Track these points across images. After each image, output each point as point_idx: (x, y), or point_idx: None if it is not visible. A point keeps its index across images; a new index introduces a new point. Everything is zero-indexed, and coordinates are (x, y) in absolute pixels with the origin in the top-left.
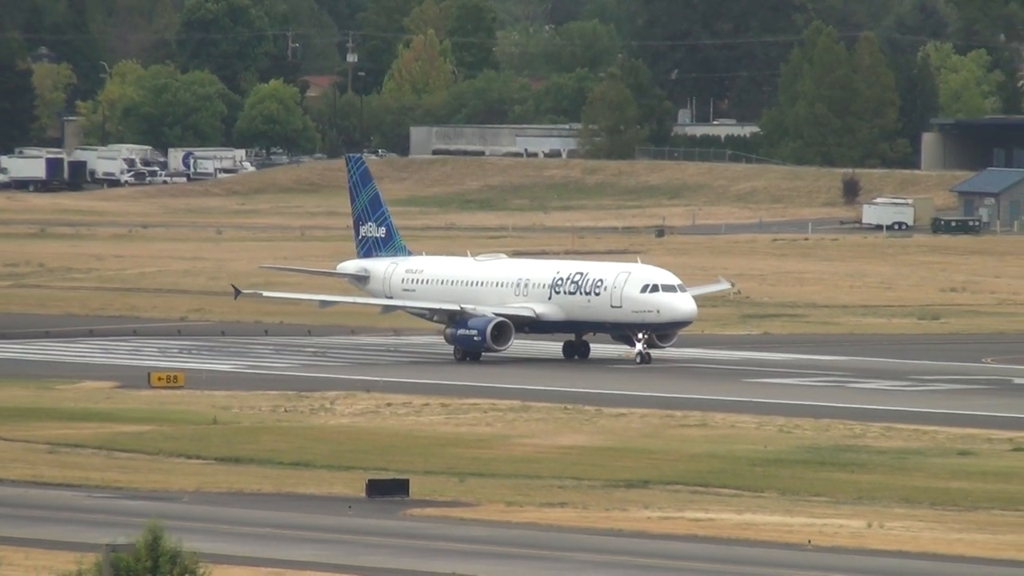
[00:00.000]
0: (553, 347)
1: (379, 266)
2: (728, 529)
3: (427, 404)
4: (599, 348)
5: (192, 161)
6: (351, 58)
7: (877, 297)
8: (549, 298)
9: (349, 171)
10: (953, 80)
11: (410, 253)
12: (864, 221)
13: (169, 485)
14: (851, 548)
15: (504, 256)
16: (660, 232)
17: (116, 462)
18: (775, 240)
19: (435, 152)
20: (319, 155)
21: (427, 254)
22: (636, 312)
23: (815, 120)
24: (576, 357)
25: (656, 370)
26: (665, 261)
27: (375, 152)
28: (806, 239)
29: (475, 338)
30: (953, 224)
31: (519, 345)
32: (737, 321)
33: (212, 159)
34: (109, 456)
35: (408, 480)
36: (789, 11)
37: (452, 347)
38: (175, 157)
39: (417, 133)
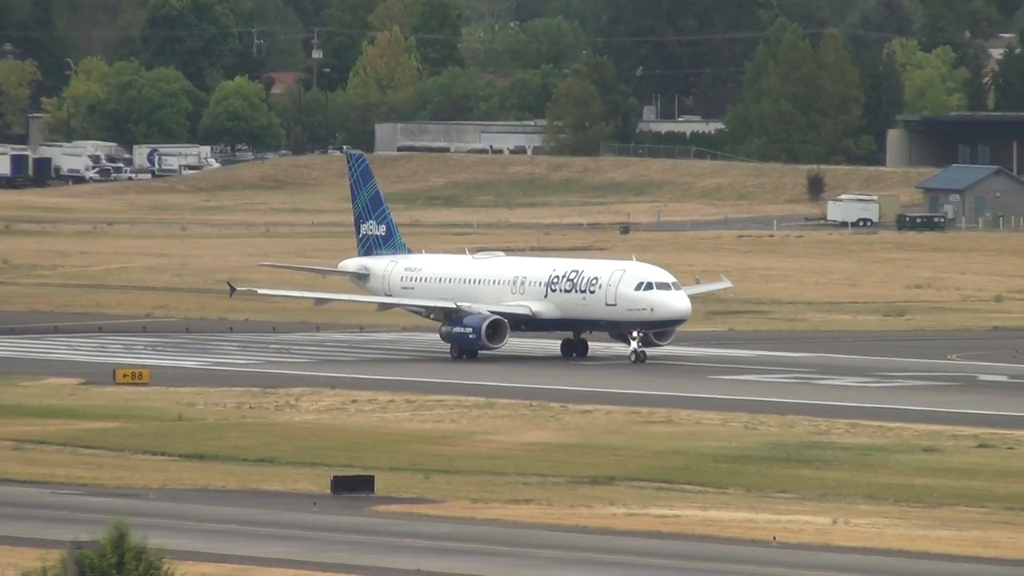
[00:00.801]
0: (551, 345)
1: (379, 264)
2: (693, 525)
3: (392, 401)
4: (597, 346)
5: (157, 158)
6: (316, 55)
7: (842, 294)
8: (545, 296)
9: (350, 169)
10: (918, 77)
11: (410, 251)
12: (829, 218)
13: (134, 482)
14: (816, 544)
15: (502, 254)
16: (625, 229)
17: (81, 458)
18: (740, 237)
19: (400, 149)
20: (284, 152)
21: (426, 252)
22: (630, 310)
23: (780, 117)
24: (574, 355)
25: (621, 367)
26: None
27: (340, 149)
28: (771, 236)
29: (470, 336)
30: (918, 221)
31: (516, 343)
32: (702, 317)
33: (177, 156)
34: (74, 453)
35: (373, 477)
36: (754, 8)
37: (448, 345)
38: (140, 154)
39: (382, 130)
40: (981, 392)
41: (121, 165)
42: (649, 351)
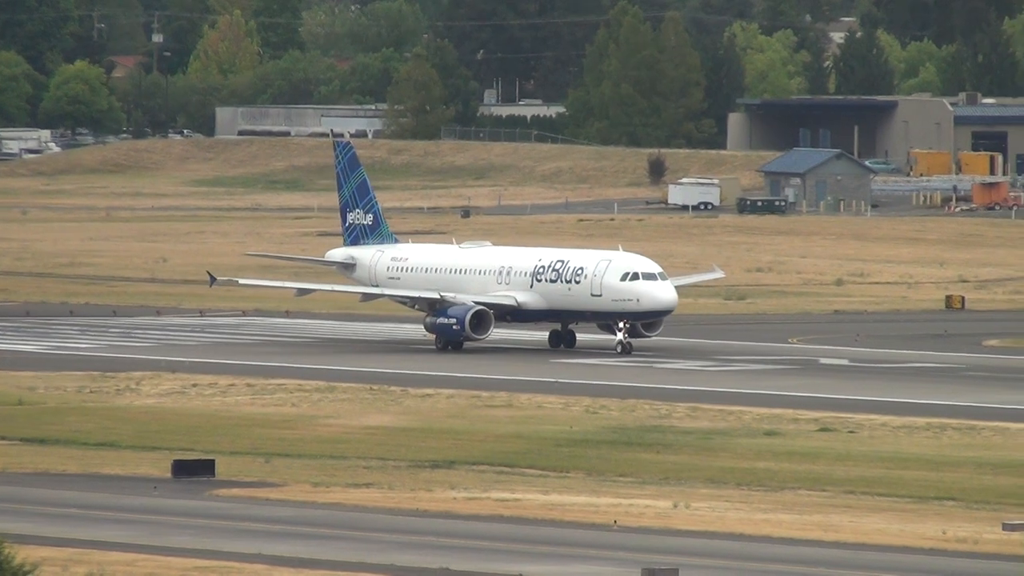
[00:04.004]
0: (538, 336)
1: (365, 254)
2: (534, 509)
3: (233, 385)
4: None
5: None
6: (157, 38)
7: None
8: (531, 286)
9: (336, 157)
10: (759, 60)
11: (397, 241)
12: (670, 201)
13: None
14: (657, 528)
15: (489, 244)
16: (466, 213)
17: None
18: (581, 220)
19: (241, 133)
20: (125, 135)
21: (413, 242)
22: (616, 301)
23: (621, 100)
24: (562, 346)
25: (463, 351)
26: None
27: (180, 133)
28: (612, 219)
29: (454, 327)
30: (759, 204)
31: (503, 334)
32: None
33: (17, 140)
34: None
35: (214, 460)
36: None
37: (433, 336)
38: None
39: (223, 114)
40: (822, 376)
41: None
42: (636, 342)
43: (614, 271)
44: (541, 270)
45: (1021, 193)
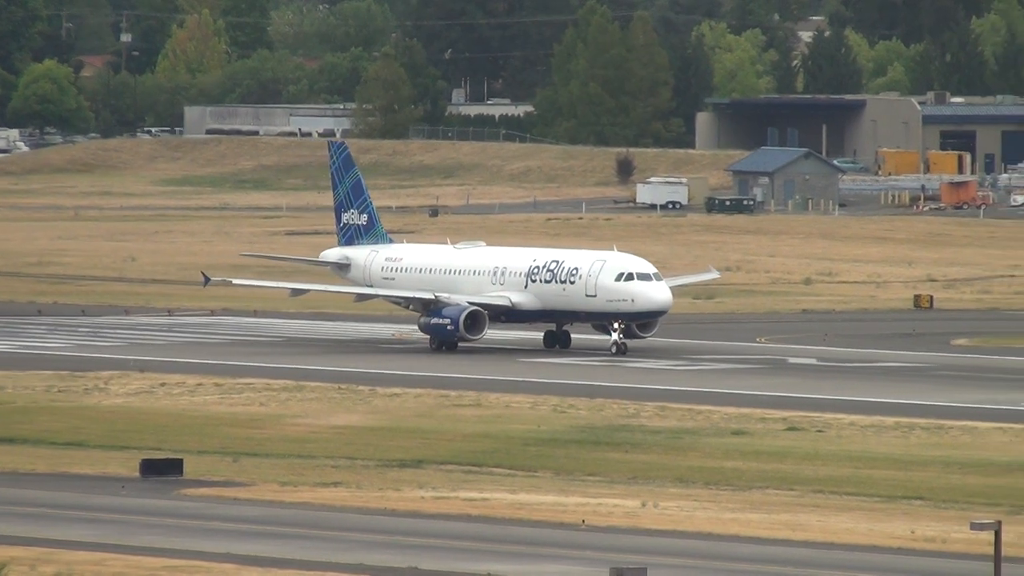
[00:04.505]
0: (534, 336)
1: (360, 254)
2: (502, 509)
3: (201, 384)
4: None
5: None
6: (125, 38)
7: None
8: (525, 287)
9: (331, 157)
10: (728, 60)
11: (391, 241)
12: (638, 200)
13: None
14: (625, 528)
15: (483, 244)
16: (434, 212)
17: None
18: (549, 220)
19: (209, 132)
20: (93, 135)
21: (407, 242)
22: (610, 301)
23: (589, 100)
24: (557, 347)
25: (429, 351)
26: (439, 241)
27: (149, 132)
28: (580, 218)
29: (448, 327)
30: (727, 203)
31: (498, 335)
32: None
33: None
34: None
35: (182, 460)
36: None
37: (428, 337)
38: None
39: (191, 113)
40: (790, 375)
41: None
42: (631, 343)
43: (609, 271)
44: (536, 270)
45: (989, 192)
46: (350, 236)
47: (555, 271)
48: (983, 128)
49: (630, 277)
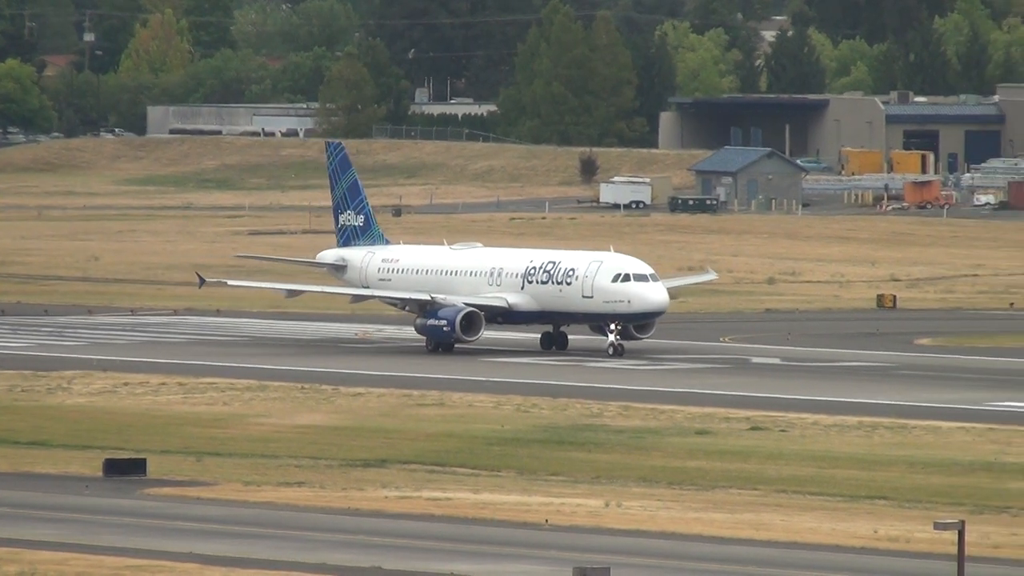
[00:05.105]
0: (530, 337)
1: (356, 255)
2: (465, 508)
3: (164, 383)
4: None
5: None
6: (88, 37)
7: None
8: (522, 288)
9: (328, 157)
10: (691, 59)
11: (388, 242)
12: (602, 200)
13: None
14: (588, 527)
15: (480, 245)
16: (397, 211)
17: None
18: (513, 219)
19: (172, 131)
20: (56, 134)
21: (404, 243)
22: (607, 302)
23: (552, 99)
24: (554, 348)
25: (393, 350)
26: (404, 240)
27: (112, 131)
28: (544, 218)
29: (444, 328)
30: (691, 203)
31: (494, 336)
32: None
33: None
34: None
35: (145, 459)
36: None
37: (424, 338)
38: None
39: (154, 112)
40: (754, 374)
41: None
42: (628, 344)
43: (605, 272)
44: (532, 271)
45: (953, 192)
46: (347, 237)
47: (552, 272)
48: (946, 128)
49: (627, 278)
